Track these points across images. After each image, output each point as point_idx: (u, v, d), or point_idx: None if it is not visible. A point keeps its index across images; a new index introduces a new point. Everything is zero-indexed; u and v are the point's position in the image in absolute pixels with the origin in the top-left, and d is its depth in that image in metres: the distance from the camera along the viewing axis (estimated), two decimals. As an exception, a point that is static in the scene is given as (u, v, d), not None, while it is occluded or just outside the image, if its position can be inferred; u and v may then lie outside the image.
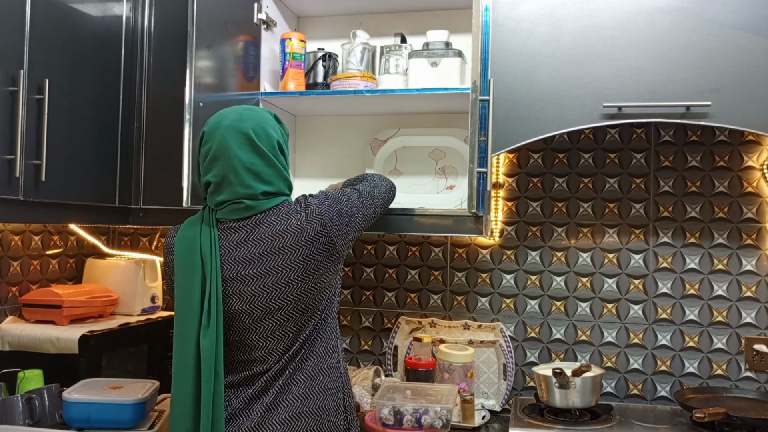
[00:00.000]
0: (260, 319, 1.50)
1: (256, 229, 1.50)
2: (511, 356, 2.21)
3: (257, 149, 1.51)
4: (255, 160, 1.51)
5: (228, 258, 1.50)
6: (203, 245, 1.49)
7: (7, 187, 1.70)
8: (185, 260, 1.51)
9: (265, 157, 1.52)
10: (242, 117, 1.53)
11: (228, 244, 1.50)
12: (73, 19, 1.93)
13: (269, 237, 1.49)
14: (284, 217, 1.51)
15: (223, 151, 1.50)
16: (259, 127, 1.53)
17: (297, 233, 1.49)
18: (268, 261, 1.48)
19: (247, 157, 1.51)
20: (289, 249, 1.49)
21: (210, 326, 1.45)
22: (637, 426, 1.93)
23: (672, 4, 1.82)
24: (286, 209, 1.53)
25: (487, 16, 1.90)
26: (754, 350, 2.12)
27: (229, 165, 1.50)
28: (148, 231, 2.61)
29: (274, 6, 2.23)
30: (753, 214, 2.15)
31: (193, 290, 1.48)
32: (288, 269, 1.48)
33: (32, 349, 2.03)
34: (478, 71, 1.85)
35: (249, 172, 1.50)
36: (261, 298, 1.49)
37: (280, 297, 1.49)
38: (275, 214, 1.51)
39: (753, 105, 1.76)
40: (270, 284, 1.48)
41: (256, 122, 1.54)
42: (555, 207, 2.28)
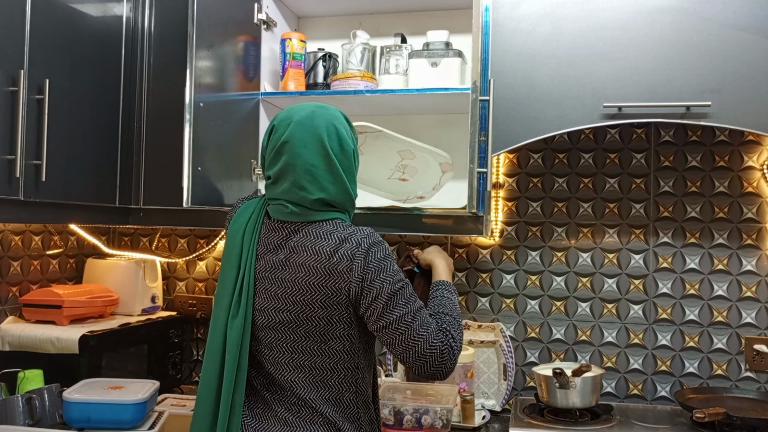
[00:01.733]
0: (274, 326, 1.41)
1: (292, 237, 1.42)
2: (511, 356, 2.21)
3: (322, 149, 1.41)
4: (316, 161, 1.40)
5: (263, 256, 1.44)
6: (246, 235, 1.46)
7: (8, 187, 1.70)
8: (229, 249, 1.48)
9: (328, 160, 1.41)
10: (314, 114, 1.43)
11: (266, 242, 1.44)
12: (74, 19, 1.93)
13: (297, 249, 1.40)
14: (321, 236, 1.39)
15: (288, 147, 1.41)
16: (330, 127, 1.43)
17: (321, 258, 1.37)
18: (287, 272, 1.40)
19: (310, 156, 1.40)
20: (305, 269, 1.38)
21: (238, 317, 1.41)
22: (638, 426, 1.93)
23: (672, 4, 1.82)
24: (328, 228, 1.40)
25: (487, 16, 1.90)
26: (754, 350, 2.12)
27: (289, 162, 1.41)
28: (148, 231, 2.61)
29: (274, 6, 2.23)
30: (753, 214, 2.15)
31: (228, 278, 1.45)
32: (295, 288, 1.38)
33: (32, 349, 2.03)
34: (478, 71, 1.85)
35: (307, 173, 1.40)
36: (275, 304, 1.40)
37: (284, 312, 1.39)
38: (316, 229, 1.41)
39: (753, 105, 1.76)
40: (280, 295, 1.40)
41: (328, 121, 1.44)
42: (555, 207, 2.28)
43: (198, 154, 1.80)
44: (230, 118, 1.96)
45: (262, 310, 1.42)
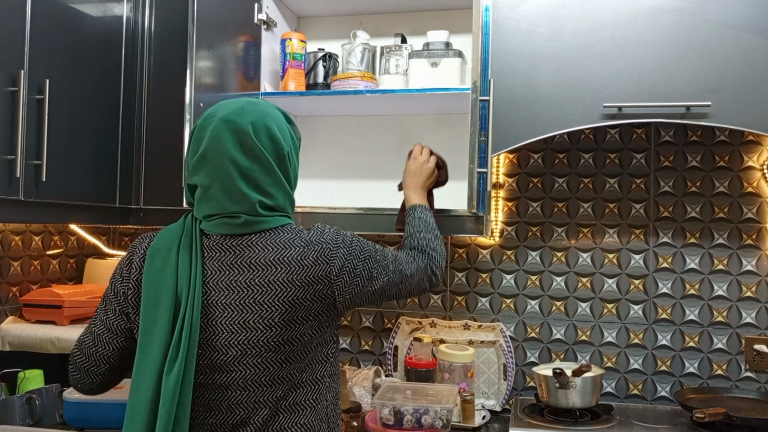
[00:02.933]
0: (233, 362, 1.21)
1: (246, 252, 1.24)
2: (511, 356, 2.22)
3: (255, 151, 1.25)
4: (252, 165, 1.25)
5: (210, 281, 1.23)
6: (181, 264, 1.23)
7: (8, 188, 1.70)
8: (156, 279, 1.24)
9: (264, 162, 1.26)
10: (243, 110, 1.27)
11: (212, 264, 1.24)
12: (74, 20, 1.93)
13: (260, 265, 1.22)
14: (283, 246, 1.24)
15: (215, 150, 1.24)
16: (260, 123, 1.27)
17: (293, 269, 1.22)
18: (253, 294, 1.21)
19: (243, 159, 1.24)
20: (280, 285, 1.21)
21: (178, 361, 1.17)
22: (638, 426, 1.93)
23: (672, 4, 1.82)
24: (287, 236, 1.26)
25: (487, 16, 1.90)
26: (755, 350, 2.12)
27: (221, 167, 1.24)
28: (148, 231, 2.61)
29: (274, 6, 2.23)
30: (753, 215, 2.15)
31: (159, 317, 1.21)
32: (273, 309, 1.21)
33: (33, 349, 2.03)
34: (479, 71, 1.85)
35: (244, 178, 1.24)
36: (237, 337, 1.21)
37: (260, 340, 1.21)
38: (273, 239, 1.25)
39: (753, 105, 1.76)
40: (250, 322, 1.21)
41: (258, 117, 1.27)
42: (555, 207, 2.28)
43: (198, 154, 1.80)
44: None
45: (228, 345, 1.21)
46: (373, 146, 2.37)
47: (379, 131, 2.37)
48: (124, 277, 1.32)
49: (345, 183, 2.37)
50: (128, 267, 1.32)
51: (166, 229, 1.32)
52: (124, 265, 1.33)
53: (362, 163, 2.37)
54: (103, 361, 1.34)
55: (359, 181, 2.37)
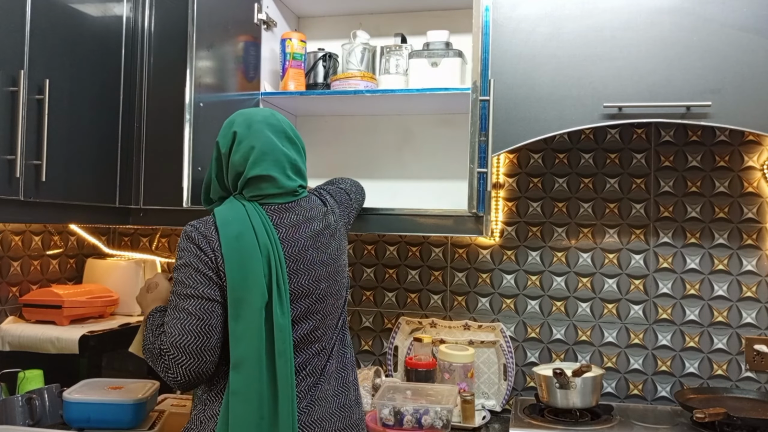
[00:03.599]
0: (323, 294, 1.52)
1: (301, 211, 1.54)
2: (511, 356, 2.21)
3: (296, 146, 1.58)
4: (296, 157, 1.57)
5: (284, 236, 1.49)
6: (256, 224, 1.47)
7: (8, 188, 1.70)
8: (237, 242, 1.44)
9: (301, 154, 1.60)
10: (272, 114, 1.58)
11: (280, 222, 1.50)
12: (74, 20, 1.93)
13: (313, 217, 1.55)
14: (316, 205, 1.59)
15: (271, 147, 1.53)
16: (288, 125, 1.59)
17: (327, 217, 1.59)
18: (320, 238, 1.53)
19: (291, 152, 1.56)
20: (328, 229, 1.56)
21: (283, 305, 1.43)
22: (638, 426, 1.93)
23: (672, 4, 1.82)
24: (313, 199, 1.61)
25: (487, 16, 1.90)
26: (755, 350, 2.12)
27: (277, 160, 1.52)
28: (148, 231, 2.61)
29: (274, 6, 2.23)
30: (753, 215, 2.15)
31: (252, 271, 1.42)
32: (332, 246, 1.56)
33: (32, 350, 2.03)
34: (479, 71, 1.85)
35: (293, 167, 1.56)
36: (321, 271, 1.51)
37: (334, 271, 1.54)
38: (308, 202, 1.58)
39: (753, 105, 1.76)
40: (325, 258, 1.53)
41: (284, 120, 1.60)
42: (555, 207, 2.28)
43: (198, 154, 1.80)
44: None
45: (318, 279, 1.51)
46: (373, 146, 2.37)
47: (379, 131, 2.37)
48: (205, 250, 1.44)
49: (345, 183, 2.37)
50: (206, 241, 1.45)
51: (221, 209, 1.51)
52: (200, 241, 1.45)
53: (362, 163, 2.37)
54: (215, 331, 1.41)
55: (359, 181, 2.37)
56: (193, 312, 1.40)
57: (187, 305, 1.40)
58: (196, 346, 1.39)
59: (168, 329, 1.41)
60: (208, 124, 1.84)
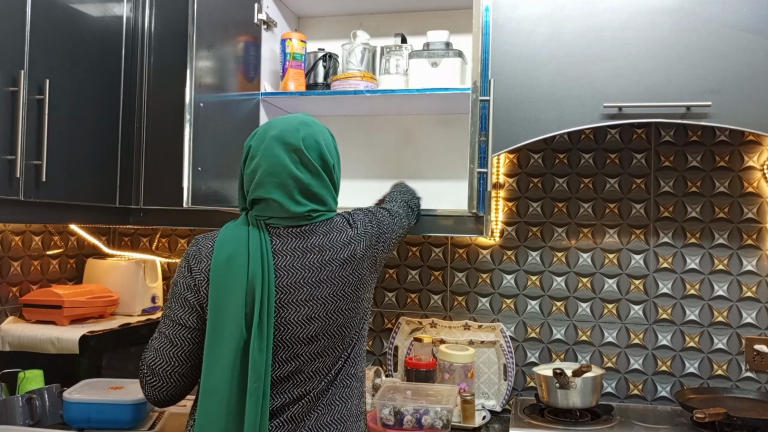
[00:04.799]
0: (314, 335, 1.36)
1: (312, 237, 1.40)
2: (511, 356, 2.21)
3: (308, 165, 1.41)
4: (309, 180, 1.40)
5: (283, 264, 1.37)
6: (252, 248, 1.35)
7: (8, 188, 1.70)
8: (226, 265, 1.35)
9: (318, 175, 1.42)
10: (293, 129, 1.42)
11: (282, 249, 1.38)
12: (74, 20, 1.93)
13: (326, 246, 1.39)
14: (336, 230, 1.42)
15: (277, 168, 1.39)
16: (310, 140, 1.42)
17: (349, 247, 1.41)
18: (325, 271, 1.37)
19: (302, 174, 1.40)
20: (343, 261, 1.39)
21: (263, 340, 1.30)
22: (638, 426, 1.93)
23: (672, 4, 1.82)
24: (336, 223, 1.44)
25: (487, 16, 1.89)
26: (755, 350, 2.12)
27: (282, 183, 1.39)
28: (148, 231, 2.61)
29: (274, 6, 2.23)
30: (753, 215, 2.15)
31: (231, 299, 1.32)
32: (342, 282, 1.39)
33: (33, 350, 2.03)
34: (479, 71, 1.85)
35: (302, 191, 1.40)
36: (317, 310, 1.36)
37: (334, 311, 1.38)
38: (327, 226, 1.43)
39: (753, 105, 1.76)
40: (326, 295, 1.37)
41: (308, 134, 1.42)
42: (555, 207, 2.28)
43: (198, 154, 1.80)
44: (230, 119, 1.96)
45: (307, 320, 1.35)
46: (373, 146, 2.37)
47: (379, 131, 2.37)
48: (194, 271, 1.39)
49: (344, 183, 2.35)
50: (197, 261, 1.40)
51: (228, 225, 1.44)
52: (191, 260, 1.41)
53: (362, 163, 2.37)
54: (186, 360, 1.39)
55: (359, 180, 2.37)
56: (169, 336, 1.38)
57: (165, 328, 1.40)
58: (167, 371, 1.37)
59: (148, 348, 1.41)
60: (208, 124, 1.84)
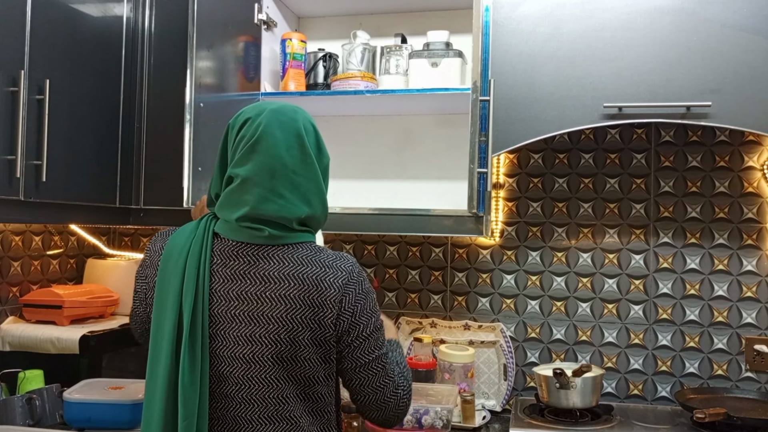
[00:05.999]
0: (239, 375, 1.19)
1: (261, 263, 1.20)
2: (511, 356, 2.21)
3: (304, 152, 1.21)
4: (299, 168, 1.20)
5: (220, 290, 1.20)
6: (188, 271, 1.19)
7: (8, 188, 1.70)
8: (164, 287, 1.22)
9: (311, 167, 1.22)
10: (295, 110, 1.24)
11: (222, 272, 1.20)
12: (74, 20, 1.93)
13: (273, 278, 1.19)
14: (301, 262, 1.20)
15: (266, 145, 1.19)
16: (310, 127, 1.24)
17: (309, 288, 1.18)
18: (262, 306, 1.18)
19: (292, 159, 1.20)
20: (291, 301, 1.17)
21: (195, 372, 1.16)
22: (638, 426, 1.93)
23: (672, 5, 1.82)
24: (306, 253, 1.21)
25: (487, 16, 1.90)
26: (755, 350, 2.12)
27: (267, 162, 1.18)
28: (148, 231, 2.61)
29: (274, 6, 2.23)
30: (753, 215, 2.15)
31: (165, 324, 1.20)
32: (281, 324, 1.17)
33: (33, 350, 2.03)
34: (479, 71, 1.85)
35: (288, 180, 1.19)
36: (243, 349, 1.18)
37: (265, 355, 1.18)
38: (291, 253, 1.21)
39: (753, 105, 1.76)
40: (257, 336, 1.18)
41: (307, 120, 1.25)
42: (555, 207, 2.28)
43: (198, 154, 1.80)
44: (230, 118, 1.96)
45: (233, 358, 1.18)
46: (373, 146, 2.37)
47: (379, 131, 2.37)
48: (141, 277, 1.37)
49: (344, 183, 2.37)
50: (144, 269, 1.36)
51: (180, 230, 1.27)
52: (146, 264, 1.34)
53: (362, 163, 2.37)
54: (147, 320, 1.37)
55: (359, 181, 2.37)
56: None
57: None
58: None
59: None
60: (208, 125, 1.84)
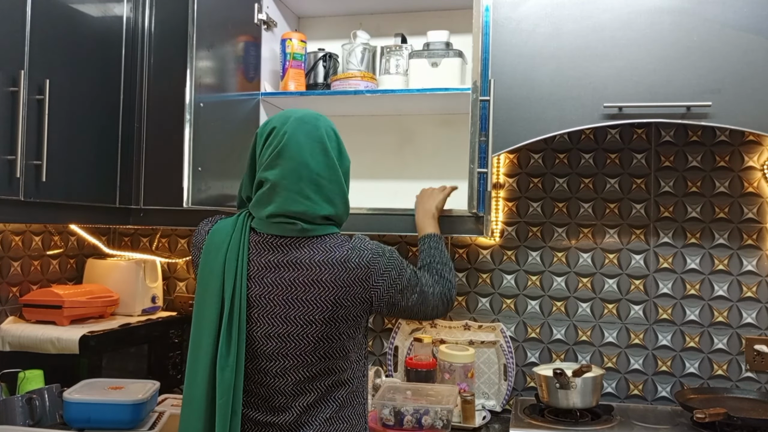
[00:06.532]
0: (276, 354, 1.33)
1: (294, 252, 1.33)
2: (511, 356, 2.21)
3: (325, 157, 1.34)
4: (322, 171, 1.34)
5: (257, 277, 1.33)
6: (228, 263, 1.32)
7: (8, 188, 1.70)
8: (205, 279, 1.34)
9: (333, 170, 1.35)
10: (317, 118, 1.38)
11: (258, 261, 1.34)
12: (74, 20, 1.93)
13: (306, 265, 1.32)
14: (329, 249, 1.34)
15: (292, 151, 1.32)
16: (332, 133, 1.38)
17: (337, 270, 1.33)
18: (297, 291, 1.32)
19: (316, 164, 1.33)
20: (324, 284, 1.32)
21: (230, 355, 1.28)
22: (638, 426, 1.93)
23: (672, 4, 1.82)
24: (333, 241, 1.36)
25: (487, 16, 1.89)
26: (755, 350, 2.12)
27: (294, 167, 1.32)
28: (148, 231, 2.61)
29: (274, 6, 2.23)
30: (753, 215, 2.15)
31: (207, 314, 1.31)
32: (315, 306, 1.31)
33: (33, 350, 2.03)
34: (479, 71, 1.85)
35: (312, 182, 1.33)
36: (281, 330, 1.32)
37: (300, 335, 1.32)
38: (320, 242, 1.35)
39: (753, 105, 1.76)
40: (292, 317, 1.31)
41: (330, 127, 1.39)
42: (555, 207, 2.28)
43: (198, 154, 1.80)
44: (230, 118, 1.96)
45: (268, 336, 1.32)
46: (373, 146, 2.37)
47: (379, 131, 2.37)
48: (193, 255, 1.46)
49: (345, 183, 2.37)
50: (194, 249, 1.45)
51: (219, 225, 1.40)
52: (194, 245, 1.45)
53: (362, 163, 2.37)
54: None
55: (359, 181, 2.37)
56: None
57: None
58: None
59: None
60: (208, 125, 1.84)
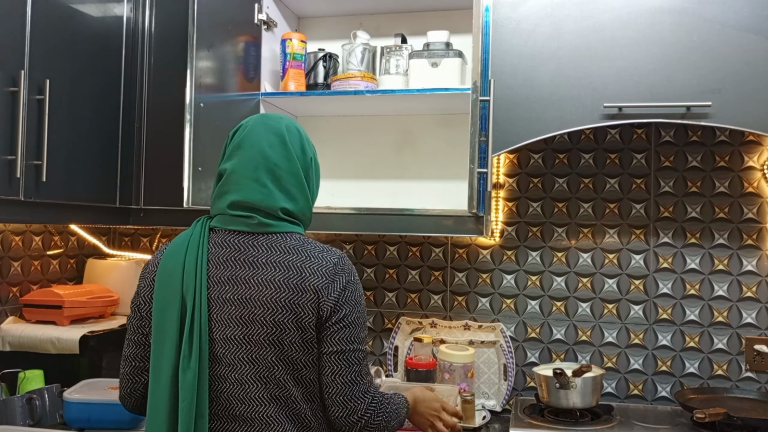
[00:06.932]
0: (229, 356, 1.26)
1: (250, 250, 1.29)
2: (511, 356, 2.21)
3: (286, 148, 1.33)
4: (280, 161, 1.32)
5: (213, 276, 1.29)
6: (188, 263, 1.28)
7: (8, 188, 1.70)
8: (165, 281, 1.30)
9: (292, 162, 1.33)
10: (280, 117, 1.39)
11: (215, 260, 1.29)
12: (74, 20, 1.93)
13: (261, 264, 1.28)
14: (286, 250, 1.29)
15: (250, 141, 1.32)
16: (292, 128, 1.37)
17: (291, 273, 1.27)
18: (250, 290, 1.26)
19: (274, 153, 1.32)
20: (275, 285, 1.26)
21: (192, 358, 1.23)
22: (638, 426, 1.93)
23: (672, 4, 1.82)
24: (292, 242, 1.31)
25: (487, 16, 1.90)
26: (755, 350, 2.12)
27: (250, 157, 1.31)
28: (148, 231, 2.61)
29: (274, 6, 2.23)
30: (753, 215, 2.15)
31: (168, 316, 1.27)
32: (267, 307, 1.25)
33: (33, 350, 2.03)
34: (479, 71, 1.85)
35: (269, 171, 1.31)
36: (234, 331, 1.26)
37: (253, 337, 1.25)
38: (278, 242, 1.30)
39: (753, 105, 1.76)
40: (246, 318, 1.25)
41: (291, 123, 1.39)
42: (555, 207, 2.28)
43: (198, 154, 1.80)
44: (230, 119, 1.96)
45: (227, 340, 1.26)
46: (373, 146, 2.37)
47: (379, 131, 2.37)
48: (144, 278, 1.38)
49: (345, 183, 2.37)
50: (147, 270, 1.38)
51: (174, 240, 1.36)
52: (147, 270, 1.38)
53: (362, 163, 2.37)
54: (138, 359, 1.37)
55: (359, 181, 2.37)
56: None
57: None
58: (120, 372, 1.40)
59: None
60: (208, 125, 1.84)
